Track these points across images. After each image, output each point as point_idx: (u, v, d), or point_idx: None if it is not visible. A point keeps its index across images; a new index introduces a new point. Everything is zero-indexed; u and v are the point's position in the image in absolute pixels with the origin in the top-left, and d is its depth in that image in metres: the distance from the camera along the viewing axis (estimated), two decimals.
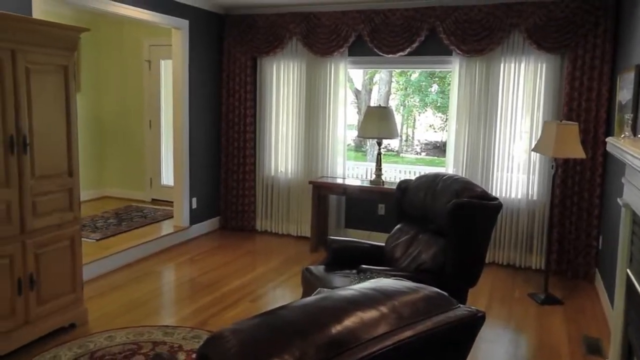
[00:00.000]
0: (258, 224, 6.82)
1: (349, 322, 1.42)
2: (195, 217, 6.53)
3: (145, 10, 5.40)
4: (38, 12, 4.25)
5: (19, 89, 3.41)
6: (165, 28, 6.22)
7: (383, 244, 4.08)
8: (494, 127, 5.57)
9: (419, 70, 10.90)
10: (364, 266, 3.49)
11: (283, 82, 6.49)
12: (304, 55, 6.30)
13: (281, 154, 6.63)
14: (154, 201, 7.86)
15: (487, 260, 4.64)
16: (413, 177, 4.48)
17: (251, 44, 6.41)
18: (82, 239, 4.11)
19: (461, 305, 1.65)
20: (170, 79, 6.61)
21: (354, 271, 3.60)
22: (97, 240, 5.78)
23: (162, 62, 7.69)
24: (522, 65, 5.45)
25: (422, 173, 4.36)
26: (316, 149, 6.39)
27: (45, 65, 3.58)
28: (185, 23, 6.01)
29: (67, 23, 3.99)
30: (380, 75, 13.62)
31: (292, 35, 6.23)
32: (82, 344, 3.70)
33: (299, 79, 6.39)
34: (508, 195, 5.62)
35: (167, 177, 7.80)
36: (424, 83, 13.98)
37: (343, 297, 1.55)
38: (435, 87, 13.91)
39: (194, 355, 3.58)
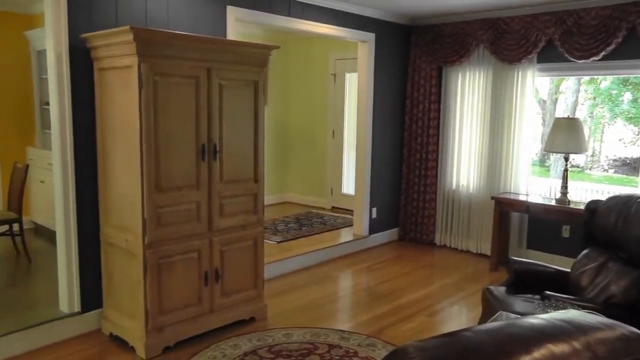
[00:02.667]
0: (437, 238, 6.68)
1: (538, 354, 1.31)
2: (375, 226, 6.60)
3: (333, 26, 5.62)
4: (232, 33, 4.65)
5: (212, 103, 3.75)
6: (352, 42, 6.44)
7: (568, 270, 3.73)
8: None
9: (611, 76, 9.75)
10: (548, 292, 3.23)
11: (467, 92, 6.29)
12: (490, 64, 6.05)
13: (463, 167, 6.42)
14: (334, 209, 8.13)
15: None
16: (602, 197, 4.03)
17: (437, 53, 6.34)
18: (265, 240, 4.38)
19: None
20: (354, 91, 6.81)
21: (537, 297, 3.37)
22: (278, 242, 6.12)
23: (347, 75, 7.96)
24: None
25: (613, 193, 3.92)
26: (499, 162, 6.07)
27: (237, 81, 3.89)
28: (371, 36, 6.14)
29: (258, 42, 4.34)
30: (568, 83, 12.50)
31: (478, 43, 6.02)
32: (260, 337, 3.93)
33: (484, 89, 6.14)
34: None
35: (348, 186, 8.03)
36: (614, 91, 12.48)
37: (532, 326, 1.45)
38: (628, 96, 12.33)
39: None
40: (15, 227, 5.46)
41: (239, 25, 4.77)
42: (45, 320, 3.92)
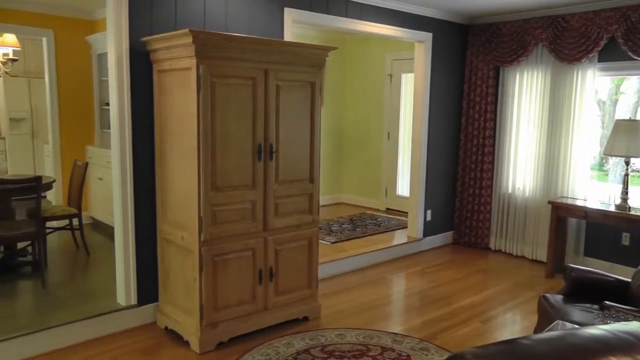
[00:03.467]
0: (492, 242, 6.54)
1: None
2: (429, 229, 6.53)
3: (391, 26, 5.59)
4: (289, 34, 4.70)
5: (269, 104, 3.79)
6: (408, 42, 6.38)
7: (628, 280, 3.57)
8: None
9: None
10: (608, 303, 3.12)
11: (525, 92, 6.13)
12: (549, 63, 5.87)
13: (519, 169, 6.27)
14: (388, 210, 8.09)
15: None
16: None
17: (494, 53, 6.20)
18: (319, 240, 4.38)
19: None
20: (410, 92, 6.75)
21: (596, 307, 3.27)
22: (332, 243, 6.14)
23: (403, 76, 7.90)
24: None
25: None
26: (557, 166, 5.89)
27: (293, 82, 3.92)
28: (428, 36, 6.07)
29: (314, 43, 4.35)
30: (629, 83, 11.99)
31: (537, 42, 5.86)
32: (313, 337, 3.95)
33: (542, 89, 5.97)
34: None
35: (402, 187, 7.98)
36: None
37: (593, 337, 1.41)
38: None
39: None
40: (75, 222, 5.69)
41: (295, 27, 4.81)
42: (103, 311, 4.08)
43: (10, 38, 5.45)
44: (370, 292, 5.03)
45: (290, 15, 4.69)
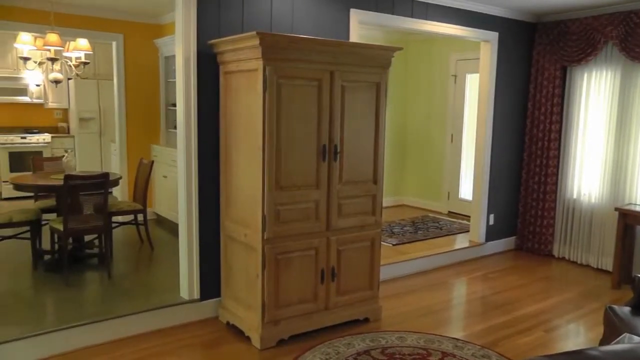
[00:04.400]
0: (555, 249, 6.34)
1: None
2: (491, 233, 6.39)
3: (456, 26, 5.51)
4: (354, 35, 4.70)
5: (334, 104, 3.80)
6: (474, 42, 6.28)
7: None
8: None
9: None
10: None
11: (593, 93, 5.92)
12: (619, 63, 5.64)
13: (585, 174, 6.05)
14: (450, 214, 7.98)
15: None
16: None
17: (562, 52, 6.00)
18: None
19: None
20: (475, 93, 6.64)
21: None
22: (394, 245, 6.12)
23: (468, 76, 7.78)
24: None
25: None
26: (625, 171, 5.65)
27: (359, 83, 3.92)
28: (494, 35, 5.94)
29: (378, 43, 4.34)
30: None
31: (607, 40, 5.62)
32: (374, 338, 3.93)
33: (611, 90, 5.74)
34: None
35: (465, 190, 7.85)
36: None
37: None
38: None
39: None
40: (140, 217, 5.89)
41: (360, 28, 4.80)
42: (167, 304, 4.21)
43: (83, 42, 5.68)
44: (432, 296, 4.97)
45: (356, 16, 4.70)
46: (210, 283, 4.27)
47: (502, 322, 4.39)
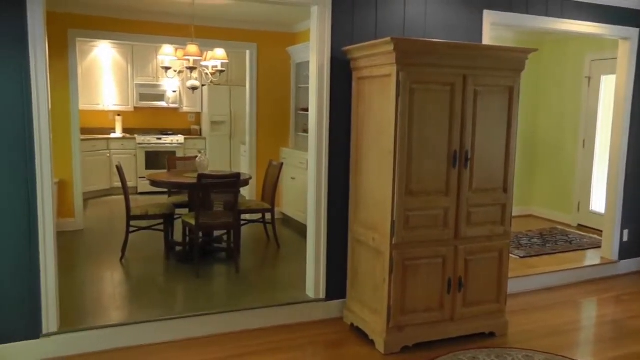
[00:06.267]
0: None
1: None
2: (626, 251, 5.91)
3: (592, 23, 5.19)
4: (487, 37, 4.60)
5: (466, 110, 3.73)
6: (611, 41, 5.87)
7: None
8: None
9: None
10: None
11: None
12: None
13: None
14: (580, 227, 7.51)
15: None
16: None
17: None
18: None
19: None
20: (610, 96, 6.21)
21: None
22: (521, 257, 5.88)
23: (603, 78, 7.30)
24: None
25: None
26: None
27: (491, 87, 3.81)
28: (634, 32, 5.49)
29: (509, 45, 4.20)
30: None
31: None
32: (500, 354, 3.79)
33: None
34: None
35: (597, 202, 7.36)
36: None
37: None
38: None
39: None
40: (267, 216, 6.16)
41: (490, 30, 4.69)
42: (293, 301, 4.35)
43: (220, 52, 6.02)
44: (559, 314, 4.71)
45: (489, 17, 4.60)
46: (336, 284, 4.36)
47: (637, 352, 4.03)
